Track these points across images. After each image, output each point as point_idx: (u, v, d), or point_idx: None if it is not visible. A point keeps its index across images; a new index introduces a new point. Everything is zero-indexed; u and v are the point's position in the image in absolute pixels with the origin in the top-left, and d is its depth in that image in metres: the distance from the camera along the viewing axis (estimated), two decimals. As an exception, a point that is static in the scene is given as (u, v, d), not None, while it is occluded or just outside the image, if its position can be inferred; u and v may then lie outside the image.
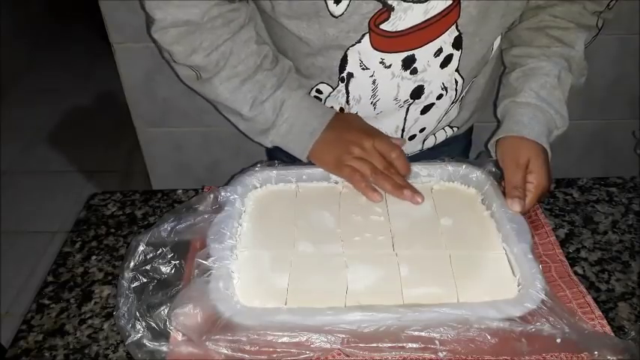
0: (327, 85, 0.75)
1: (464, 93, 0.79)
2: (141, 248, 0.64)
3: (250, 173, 0.74)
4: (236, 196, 0.70)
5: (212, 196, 0.70)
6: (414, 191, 0.70)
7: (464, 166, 0.75)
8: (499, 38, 0.75)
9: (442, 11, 0.64)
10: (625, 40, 1.19)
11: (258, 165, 0.75)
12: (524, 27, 0.78)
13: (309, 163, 0.76)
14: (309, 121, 0.75)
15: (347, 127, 0.75)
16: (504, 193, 0.69)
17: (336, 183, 0.75)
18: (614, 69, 1.24)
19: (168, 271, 0.64)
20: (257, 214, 0.71)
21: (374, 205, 0.71)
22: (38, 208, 2.10)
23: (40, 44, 3.10)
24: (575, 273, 0.68)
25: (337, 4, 0.63)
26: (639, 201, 0.80)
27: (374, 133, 0.74)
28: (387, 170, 0.72)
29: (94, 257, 0.73)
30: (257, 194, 0.74)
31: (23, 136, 2.47)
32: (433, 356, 0.55)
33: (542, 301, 0.56)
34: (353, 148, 0.72)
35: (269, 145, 0.78)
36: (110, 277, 0.70)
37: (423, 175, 0.75)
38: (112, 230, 0.78)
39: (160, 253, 0.65)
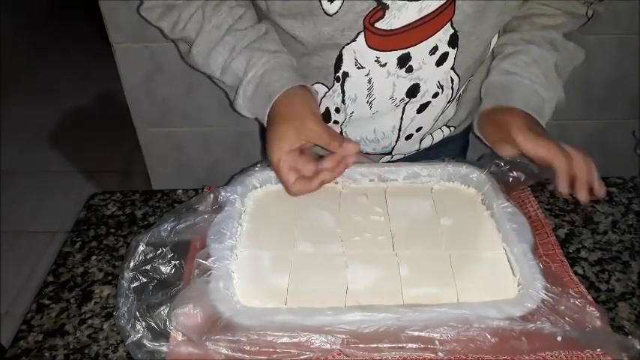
0: (323, 85, 0.75)
1: (460, 92, 0.79)
2: (141, 248, 0.64)
3: (250, 173, 0.74)
4: (236, 196, 0.70)
5: (212, 196, 0.70)
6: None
7: (464, 167, 0.75)
8: (496, 37, 0.75)
9: (436, 9, 0.65)
10: (625, 40, 1.19)
11: (258, 165, 0.75)
12: (516, 15, 0.77)
13: None
14: (272, 83, 0.69)
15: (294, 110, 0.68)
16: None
17: (336, 183, 0.75)
18: (614, 69, 1.24)
19: (168, 271, 0.64)
20: (257, 214, 0.71)
21: (374, 205, 0.71)
22: (38, 208, 2.10)
23: (40, 44, 3.11)
24: (575, 273, 0.68)
25: (331, 2, 0.63)
26: (639, 201, 0.80)
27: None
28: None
29: (94, 257, 0.73)
30: (257, 194, 0.74)
31: (23, 136, 2.47)
32: (433, 356, 0.55)
33: (543, 301, 0.56)
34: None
35: (245, 114, 0.74)
36: (110, 277, 0.70)
37: (423, 175, 0.75)
38: (112, 230, 0.78)
39: (160, 253, 0.65)
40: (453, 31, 0.68)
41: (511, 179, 0.73)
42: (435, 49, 0.69)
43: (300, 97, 0.69)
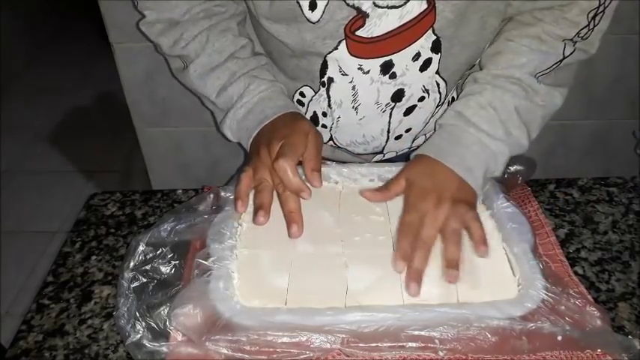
0: (310, 88, 0.75)
1: (452, 95, 0.79)
2: (141, 248, 0.64)
3: (250, 173, 0.74)
4: (236, 196, 0.70)
5: (212, 196, 0.70)
6: (260, 215, 0.62)
7: (464, 166, 0.75)
8: (486, 40, 0.73)
9: (417, 16, 0.64)
10: (625, 40, 1.19)
11: (258, 165, 0.75)
12: (484, 54, 0.74)
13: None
14: (265, 110, 0.71)
15: (282, 127, 0.68)
16: None
17: (336, 183, 0.75)
18: (614, 69, 1.24)
19: (168, 271, 0.64)
20: (257, 214, 0.71)
21: (374, 205, 0.71)
22: (38, 208, 2.11)
23: (40, 44, 3.11)
24: (575, 273, 0.68)
25: (312, 10, 0.63)
26: (639, 201, 0.80)
27: (289, 140, 0.65)
28: (279, 187, 0.64)
29: (93, 257, 0.73)
30: (257, 194, 0.74)
31: (23, 136, 2.47)
32: (433, 355, 0.55)
33: (543, 301, 0.56)
34: (263, 149, 0.66)
35: (229, 136, 0.75)
36: (110, 277, 0.70)
37: (423, 175, 0.75)
38: (112, 230, 0.78)
39: (160, 253, 0.65)
40: (435, 37, 0.67)
41: (506, 175, 0.73)
42: (417, 55, 0.69)
43: (290, 115, 0.70)
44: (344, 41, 0.67)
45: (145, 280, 0.62)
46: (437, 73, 0.72)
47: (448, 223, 0.63)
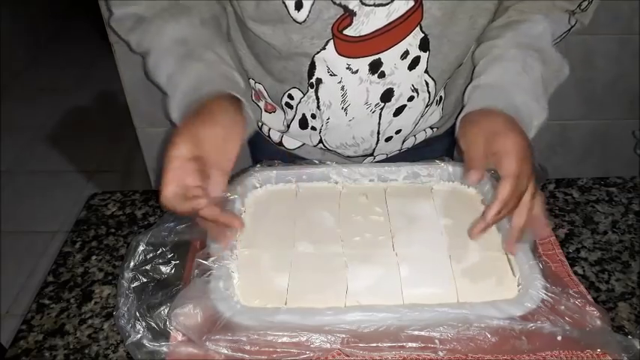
0: (299, 90, 0.75)
1: (440, 94, 0.79)
2: (141, 248, 0.64)
3: (250, 173, 0.74)
4: (236, 196, 0.70)
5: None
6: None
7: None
8: (474, 40, 0.74)
9: (404, 14, 0.64)
10: (625, 40, 1.20)
11: (258, 165, 0.75)
12: (493, 26, 0.75)
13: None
14: (199, 86, 0.65)
15: (210, 134, 0.63)
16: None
17: (336, 183, 0.75)
18: (614, 69, 1.24)
19: (168, 271, 0.64)
20: (257, 214, 0.71)
21: (374, 205, 0.71)
22: (38, 208, 2.11)
23: (40, 43, 3.11)
24: (575, 273, 0.68)
25: (299, 10, 0.63)
26: (639, 201, 0.80)
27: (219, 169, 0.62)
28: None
29: (94, 257, 0.73)
30: (257, 194, 0.74)
31: (23, 136, 2.47)
32: (433, 355, 0.55)
33: (543, 301, 0.56)
34: (185, 150, 0.63)
35: (177, 122, 0.68)
36: (110, 277, 0.70)
37: (423, 175, 0.75)
38: (112, 230, 0.78)
39: (160, 253, 0.65)
40: (423, 35, 0.67)
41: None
42: (406, 53, 0.69)
43: (232, 108, 0.64)
44: (332, 41, 0.66)
45: (145, 280, 0.62)
46: (426, 72, 0.72)
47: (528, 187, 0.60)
